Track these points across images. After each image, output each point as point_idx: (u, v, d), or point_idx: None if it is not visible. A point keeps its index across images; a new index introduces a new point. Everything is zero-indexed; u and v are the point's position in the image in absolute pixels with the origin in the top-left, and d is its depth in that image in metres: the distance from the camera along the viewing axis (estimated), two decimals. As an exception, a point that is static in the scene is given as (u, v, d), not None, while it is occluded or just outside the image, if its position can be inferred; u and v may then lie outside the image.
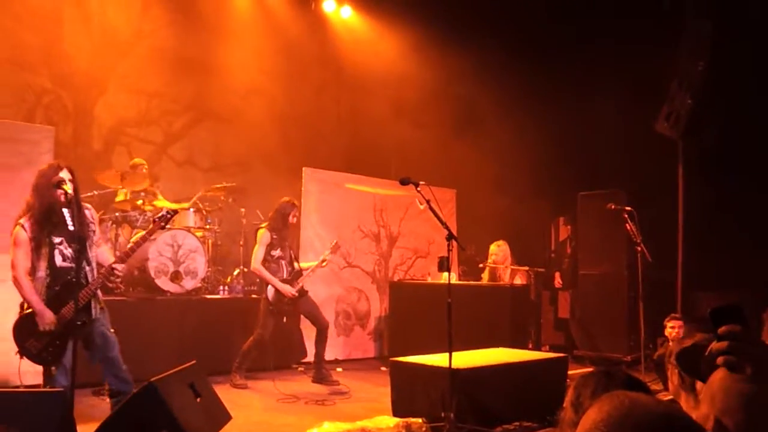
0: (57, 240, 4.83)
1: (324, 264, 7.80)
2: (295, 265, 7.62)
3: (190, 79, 10.47)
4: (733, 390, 1.73)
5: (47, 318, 4.75)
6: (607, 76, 9.50)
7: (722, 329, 1.63)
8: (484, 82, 10.28)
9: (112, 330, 5.15)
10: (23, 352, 4.84)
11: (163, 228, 5.36)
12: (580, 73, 10.00)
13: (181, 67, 10.20)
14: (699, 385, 2.33)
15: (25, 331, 4.82)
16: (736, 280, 8.74)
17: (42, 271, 4.80)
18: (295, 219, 7.64)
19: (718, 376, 1.81)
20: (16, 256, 4.79)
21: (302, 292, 7.50)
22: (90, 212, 5.12)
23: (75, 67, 9.89)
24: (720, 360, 1.62)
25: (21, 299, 4.90)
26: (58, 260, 4.84)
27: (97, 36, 10.01)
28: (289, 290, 7.36)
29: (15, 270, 4.78)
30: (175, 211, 5.54)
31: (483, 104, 10.45)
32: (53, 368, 4.82)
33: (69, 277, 4.77)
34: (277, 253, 7.46)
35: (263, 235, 7.46)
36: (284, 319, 7.46)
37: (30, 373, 5.91)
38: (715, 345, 1.65)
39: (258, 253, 7.41)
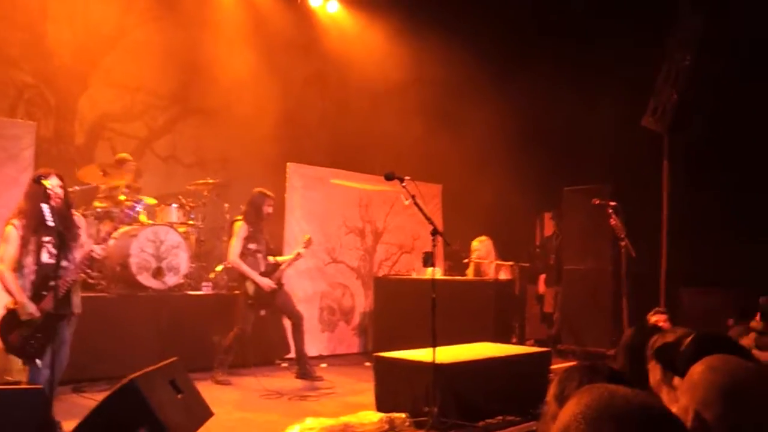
0: (46, 239, 5.06)
1: (299, 258, 7.71)
2: (270, 258, 7.56)
3: (174, 73, 10.39)
4: (713, 383, 1.73)
5: (28, 308, 4.92)
6: (594, 71, 9.51)
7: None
8: (470, 78, 10.27)
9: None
10: (7, 347, 5.03)
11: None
12: (567, 67, 10.00)
13: (165, 62, 10.11)
14: (677, 380, 2.34)
15: (7, 326, 4.99)
16: (719, 275, 8.79)
17: (28, 267, 5.02)
18: (270, 209, 7.51)
19: (698, 369, 1.82)
20: (4, 250, 5.01)
21: (278, 285, 7.47)
22: (78, 219, 5.35)
23: (58, 61, 9.80)
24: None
25: (8, 298, 5.08)
26: (45, 257, 5.05)
27: (80, 30, 9.91)
28: (268, 283, 7.31)
29: (2, 264, 4.99)
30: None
31: (468, 99, 10.43)
32: (38, 361, 4.94)
33: (51, 272, 4.96)
34: (253, 246, 7.39)
35: (240, 228, 7.37)
36: (262, 312, 7.40)
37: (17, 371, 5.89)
38: (754, 323, 1.68)
39: (235, 246, 7.32)
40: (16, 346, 4.97)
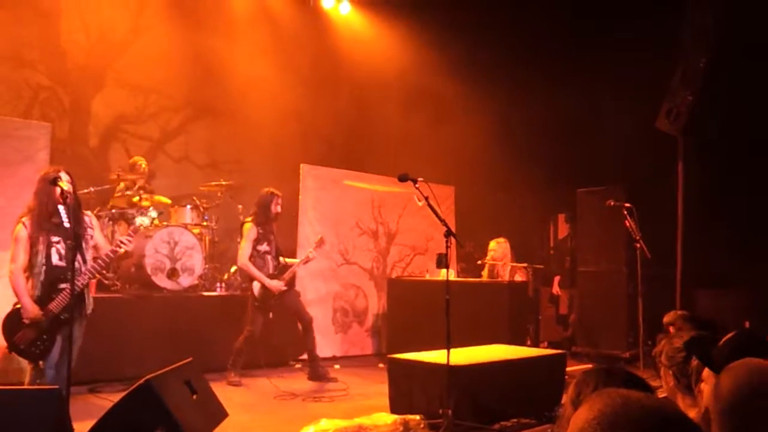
0: (55, 239, 5.00)
1: (309, 260, 7.72)
2: (281, 259, 7.57)
3: (187, 75, 10.40)
4: (729, 392, 1.70)
5: (31, 311, 4.88)
6: (608, 72, 9.46)
7: None
8: (484, 78, 10.24)
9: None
10: (11, 347, 4.98)
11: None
12: (580, 68, 9.96)
13: (178, 64, 10.13)
14: (707, 372, 2.29)
15: (13, 326, 4.95)
16: (736, 277, 8.72)
17: (38, 268, 4.96)
18: (278, 208, 7.50)
19: (722, 376, 1.79)
20: (15, 251, 4.97)
21: (289, 286, 7.46)
22: (89, 219, 5.31)
23: (72, 63, 9.86)
24: None
25: (14, 298, 5.02)
26: (54, 258, 4.99)
27: (94, 32, 9.97)
28: (277, 285, 7.32)
29: (13, 264, 4.95)
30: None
31: (482, 101, 10.40)
32: (41, 363, 4.92)
33: (61, 275, 4.95)
34: (263, 247, 7.41)
35: (249, 230, 7.37)
36: (270, 315, 7.40)
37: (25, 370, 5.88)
38: None
39: (245, 248, 7.33)
40: (20, 346, 4.93)
